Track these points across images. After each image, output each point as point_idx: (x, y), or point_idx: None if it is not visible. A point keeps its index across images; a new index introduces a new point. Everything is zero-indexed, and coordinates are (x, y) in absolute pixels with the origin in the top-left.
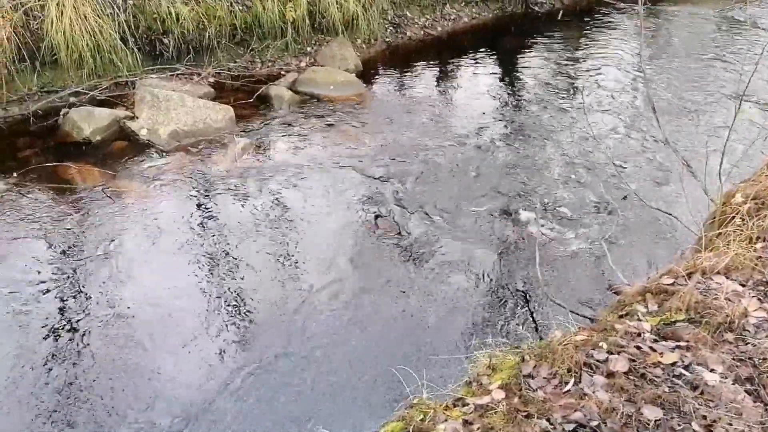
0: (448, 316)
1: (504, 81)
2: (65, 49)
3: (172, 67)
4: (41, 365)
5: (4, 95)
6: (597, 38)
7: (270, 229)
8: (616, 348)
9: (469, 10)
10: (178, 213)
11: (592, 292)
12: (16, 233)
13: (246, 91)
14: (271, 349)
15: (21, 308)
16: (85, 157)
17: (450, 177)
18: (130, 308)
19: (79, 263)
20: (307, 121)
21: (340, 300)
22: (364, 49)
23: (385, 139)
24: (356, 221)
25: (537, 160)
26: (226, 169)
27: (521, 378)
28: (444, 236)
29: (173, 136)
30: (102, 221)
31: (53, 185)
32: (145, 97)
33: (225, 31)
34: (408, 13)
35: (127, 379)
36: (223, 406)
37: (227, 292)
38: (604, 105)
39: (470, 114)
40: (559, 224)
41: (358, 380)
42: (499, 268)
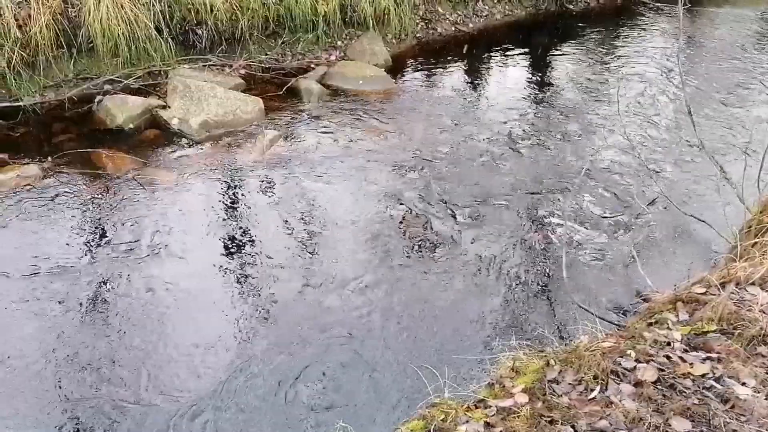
0: (471, 316)
1: (535, 80)
2: (101, 37)
3: (204, 58)
4: (72, 339)
5: (42, 81)
6: (632, 38)
7: (295, 220)
8: (645, 356)
9: (501, 7)
10: (206, 201)
11: (619, 297)
12: (49, 216)
13: (276, 83)
14: (292, 339)
15: (53, 286)
16: (118, 144)
17: (477, 175)
18: (156, 289)
19: (108, 246)
20: (336, 114)
21: (363, 294)
22: (394, 44)
23: (413, 134)
24: (381, 215)
25: (567, 161)
26: (254, 160)
27: (546, 382)
28: (470, 234)
29: (204, 126)
30: (132, 207)
31: (86, 171)
32: (178, 87)
33: (257, 23)
34: (439, 9)
35: (148, 358)
36: (242, 393)
37: (250, 280)
38: (638, 107)
39: (500, 112)
40: (588, 227)
41: (379, 376)
42: (524, 269)
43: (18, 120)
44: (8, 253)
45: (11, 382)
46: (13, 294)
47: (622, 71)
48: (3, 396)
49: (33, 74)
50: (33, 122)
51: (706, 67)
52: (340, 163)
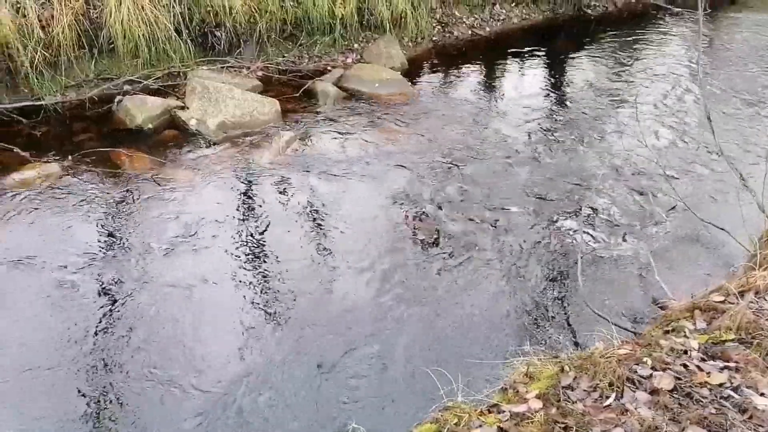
0: (485, 321)
1: (552, 84)
2: (122, 38)
3: (222, 60)
4: (89, 334)
5: (63, 80)
6: (651, 43)
7: (309, 221)
8: (661, 364)
9: (518, 11)
10: (223, 201)
11: (635, 304)
12: (70, 213)
13: (292, 85)
14: (304, 339)
15: (72, 282)
16: (137, 144)
17: (492, 179)
18: (171, 285)
19: (126, 243)
20: (351, 117)
21: (375, 296)
22: (411, 47)
23: (428, 138)
24: (395, 218)
25: (584, 166)
26: (270, 161)
27: (560, 389)
28: (483, 238)
29: (221, 127)
30: (150, 206)
31: (105, 169)
32: (196, 88)
33: (275, 26)
34: (456, 13)
35: (165, 352)
36: (256, 393)
37: (263, 279)
38: (656, 112)
39: (516, 116)
40: (604, 233)
41: (391, 378)
42: (539, 274)
43: (40, 119)
44: (30, 248)
45: (37, 367)
46: (35, 286)
47: (641, 76)
48: (33, 380)
49: (55, 74)
50: (54, 121)
51: (726, 72)
52: (355, 165)
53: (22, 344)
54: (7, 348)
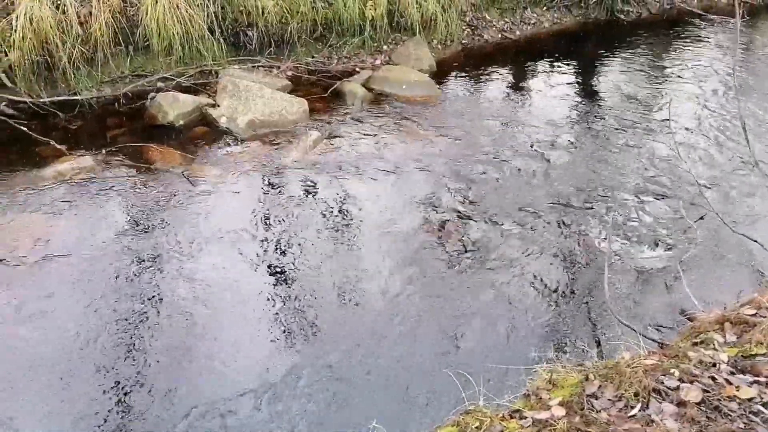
0: (508, 326)
1: (583, 89)
2: (157, 36)
3: (253, 59)
4: (113, 325)
5: (99, 76)
6: (685, 50)
7: (333, 221)
8: (689, 376)
9: (550, 15)
10: (250, 198)
11: (661, 315)
12: (102, 205)
13: (321, 85)
14: (329, 339)
15: (100, 273)
16: (168, 140)
17: (519, 184)
18: (197, 281)
19: (154, 237)
20: (378, 118)
21: (398, 297)
22: (440, 50)
23: (455, 141)
24: (419, 221)
25: (613, 173)
26: (297, 160)
27: (584, 397)
28: (509, 244)
29: (250, 125)
30: (179, 201)
31: (137, 164)
32: (227, 87)
33: (306, 27)
34: (487, 16)
35: (189, 347)
36: (279, 389)
37: (287, 277)
38: (689, 120)
39: (544, 121)
40: (632, 241)
41: (412, 379)
42: (564, 281)
43: (75, 113)
44: (63, 239)
45: (70, 349)
46: (68, 275)
47: (674, 83)
48: (67, 357)
49: (91, 70)
50: (89, 116)
51: (763, 81)
52: (381, 166)
53: (55, 329)
54: (44, 333)
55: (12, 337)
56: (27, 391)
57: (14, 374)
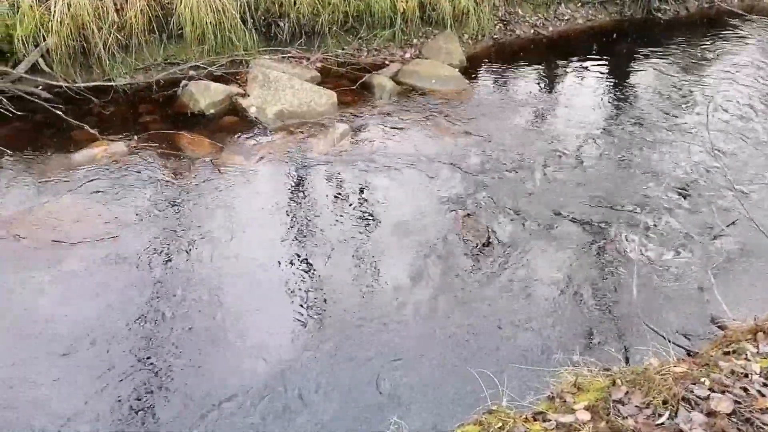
0: (533, 326)
1: (616, 88)
2: (190, 24)
3: (284, 50)
4: (140, 310)
5: (133, 63)
6: (724, 50)
7: (358, 214)
8: (720, 386)
9: (584, 12)
10: (276, 188)
11: (691, 322)
12: (132, 190)
13: (350, 78)
14: (350, 331)
15: (130, 254)
16: (198, 128)
17: (548, 183)
18: (223, 266)
19: (182, 222)
20: (406, 112)
21: (422, 292)
22: (470, 44)
23: (483, 137)
24: (444, 217)
25: (645, 174)
26: (324, 152)
27: (611, 402)
28: (535, 243)
29: (279, 115)
30: (207, 188)
31: (167, 151)
32: (257, 77)
33: (337, 18)
34: (519, 11)
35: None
36: (300, 383)
37: (309, 270)
38: (727, 123)
39: (575, 120)
40: (662, 246)
41: (435, 376)
42: (591, 283)
43: (109, 99)
44: (95, 221)
45: (100, 329)
46: (99, 257)
47: (712, 84)
48: (96, 338)
49: (125, 56)
50: (122, 102)
51: None
52: (407, 160)
53: (87, 308)
54: (78, 311)
55: (46, 314)
56: (68, 363)
57: (53, 348)
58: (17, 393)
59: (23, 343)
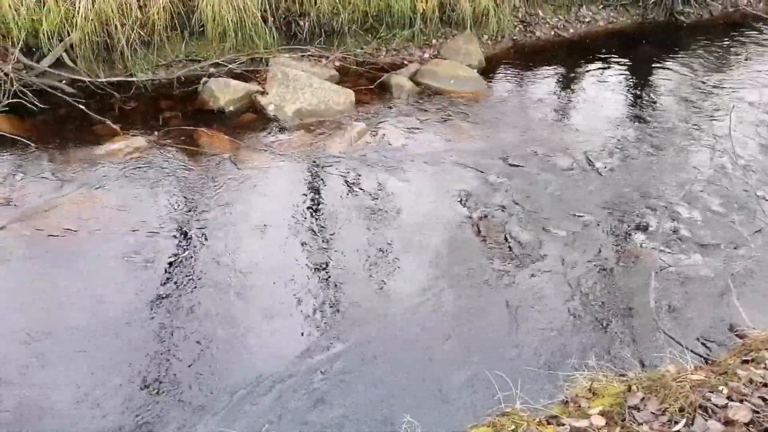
0: (548, 330)
1: (636, 92)
2: (212, 21)
3: (303, 48)
4: (155, 303)
5: (155, 59)
6: (748, 55)
7: (373, 213)
8: (738, 395)
9: (606, 14)
10: (293, 186)
11: (709, 329)
12: (151, 185)
13: (368, 77)
14: (364, 330)
15: (148, 248)
16: (217, 124)
17: (565, 186)
18: (238, 261)
19: (200, 217)
20: (424, 112)
21: (437, 292)
22: (490, 45)
23: (500, 139)
24: (460, 218)
25: (664, 179)
26: (341, 151)
27: (626, 408)
28: (552, 246)
29: (297, 114)
30: (225, 185)
31: (187, 147)
32: (277, 75)
33: (357, 18)
34: (540, 12)
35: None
36: (314, 381)
37: (323, 268)
38: (750, 129)
39: (594, 123)
40: (681, 252)
41: (449, 375)
42: (608, 288)
43: (131, 94)
44: (115, 214)
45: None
46: (118, 249)
47: (735, 90)
48: (113, 330)
49: (148, 52)
50: (143, 97)
51: None
52: (423, 161)
53: (95, 303)
54: (86, 306)
55: (67, 304)
56: (93, 351)
57: (75, 337)
58: (41, 376)
59: (42, 330)
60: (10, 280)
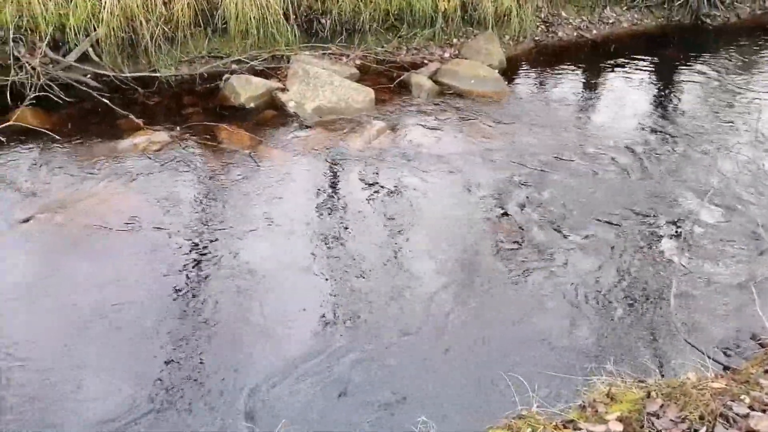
0: (567, 334)
1: (659, 95)
2: (234, 19)
3: (324, 46)
4: (175, 295)
5: (178, 55)
6: None
7: (390, 212)
8: (760, 405)
9: (630, 15)
10: (311, 182)
11: (730, 338)
12: (172, 179)
13: (388, 76)
14: (381, 329)
15: (169, 241)
16: (238, 121)
17: (584, 189)
18: (257, 255)
19: (220, 211)
20: (443, 112)
21: (454, 294)
22: (511, 45)
23: (520, 140)
24: (479, 219)
25: (687, 184)
26: (360, 149)
27: (644, 414)
28: (571, 249)
29: (317, 111)
30: (245, 180)
31: (208, 142)
32: (298, 72)
33: (378, 16)
34: (563, 13)
35: (246, 319)
36: (329, 379)
37: (342, 263)
38: None
39: (616, 125)
40: (704, 257)
41: (466, 376)
42: (628, 292)
43: (154, 89)
44: (135, 208)
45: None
46: (140, 242)
47: (762, 95)
48: (136, 319)
49: (171, 48)
50: (166, 93)
51: None
52: (442, 160)
53: (128, 289)
54: (120, 293)
55: (90, 296)
56: (119, 341)
57: (97, 328)
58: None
59: (66, 319)
60: (37, 267)
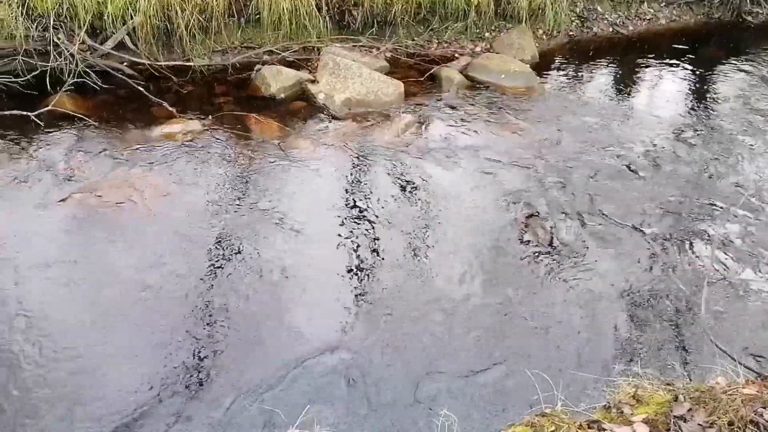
0: (593, 334)
1: (696, 94)
2: (268, 9)
3: (355, 39)
4: (199, 284)
5: (211, 45)
6: None
7: (417, 206)
8: None
9: (668, 12)
10: (339, 174)
11: (762, 344)
12: (204, 167)
13: (418, 69)
14: (405, 323)
15: (200, 228)
16: (268, 111)
17: (615, 188)
18: (283, 244)
19: (248, 200)
20: (473, 107)
21: (480, 291)
22: (544, 40)
23: (551, 137)
24: (506, 215)
25: (721, 186)
26: (388, 141)
27: (671, 418)
28: (600, 249)
29: (346, 103)
30: (273, 170)
31: (239, 132)
32: (328, 64)
33: (410, 9)
34: (599, 8)
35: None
36: (351, 373)
37: (363, 259)
38: None
39: (650, 125)
40: (736, 262)
41: (489, 371)
42: (657, 294)
43: (187, 78)
44: (168, 193)
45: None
46: (170, 225)
47: None
48: (163, 302)
49: (205, 38)
50: (199, 82)
51: None
52: (471, 155)
53: (161, 273)
54: (151, 276)
55: (120, 271)
56: (145, 320)
57: (126, 311)
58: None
59: (98, 292)
60: (72, 244)
